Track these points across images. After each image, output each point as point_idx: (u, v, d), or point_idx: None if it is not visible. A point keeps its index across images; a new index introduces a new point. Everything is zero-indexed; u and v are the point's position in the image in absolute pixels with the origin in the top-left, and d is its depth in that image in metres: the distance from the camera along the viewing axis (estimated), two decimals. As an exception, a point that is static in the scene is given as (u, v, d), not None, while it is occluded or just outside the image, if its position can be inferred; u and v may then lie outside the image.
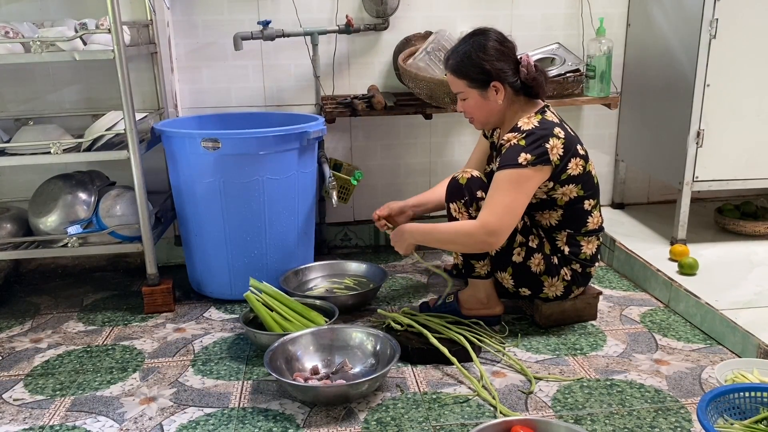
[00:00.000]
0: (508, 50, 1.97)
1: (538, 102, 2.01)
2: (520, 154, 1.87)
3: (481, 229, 1.88)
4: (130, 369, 1.93)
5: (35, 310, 2.37)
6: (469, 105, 2.02)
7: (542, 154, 1.87)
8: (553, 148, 1.88)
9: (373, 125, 2.84)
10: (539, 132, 1.90)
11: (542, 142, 1.88)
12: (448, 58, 2.02)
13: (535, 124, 1.92)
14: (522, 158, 1.86)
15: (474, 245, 1.94)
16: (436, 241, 2.04)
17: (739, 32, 2.35)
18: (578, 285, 2.07)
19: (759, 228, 2.60)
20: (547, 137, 1.89)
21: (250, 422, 1.65)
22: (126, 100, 2.10)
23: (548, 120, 1.95)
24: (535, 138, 1.89)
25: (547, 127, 1.92)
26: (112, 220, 2.27)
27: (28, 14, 2.46)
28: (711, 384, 1.77)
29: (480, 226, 1.88)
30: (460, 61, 1.96)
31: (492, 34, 1.97)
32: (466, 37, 1.99)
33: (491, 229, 1.87)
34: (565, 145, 1.91)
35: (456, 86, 2.01)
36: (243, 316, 2.07)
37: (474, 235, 1.89)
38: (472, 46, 1.95)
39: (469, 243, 1.93)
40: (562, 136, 1.91)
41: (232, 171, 2.20)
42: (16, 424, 1.67)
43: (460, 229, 1.94)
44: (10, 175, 2.63)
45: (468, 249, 2.01)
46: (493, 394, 1.72)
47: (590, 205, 2.02)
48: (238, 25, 2.61)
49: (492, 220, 1.87)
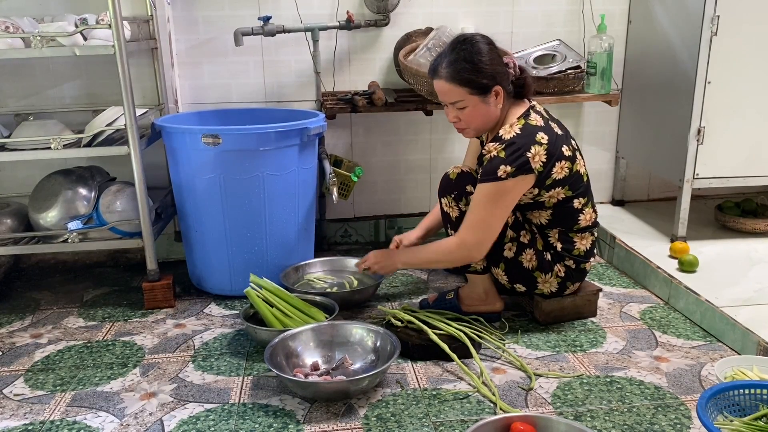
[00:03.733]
0: (500, 52, 1.95)
1: (524, 102, 1.99)
2: (499, 167, 1.85)
3: (460, 247, 1.95)
4: (130, 364, 1.94)
5: (35, 306, 2.38)
6: (466, 114, 1.93)
7: (523, 165, 1.85)
8: (534, 156, 1.85)
9: (373, 121, 2.84)
10: (519, 141, 1.86)
11: (523, 152, 1.85)
12: (436, 67, 1.92)
13: (517, 132, 1.88)
14: (501, 171, 1.84)
15: (457, 260, 2.02)
16: (421, 262, 2.18)
17: (741, 29, 2.35)
18: (573, 281, 2.07)
19: (759, 225, 2.60)
20: (528, 146, 1.86)
21: (251, 418, 1.65)
22: (126, 96, 2.10)
23: (531, 125, 1.90)
24: (515, 148, 1.85)
25: (529, 134, 1.88)
26: (112, 215, 2.27)
27: (28, 9, 2.46)
28: (711, 381, 1.78)
29: (459, 243, 1.95)
30: (459, 69, 1.88)
31: (481, 38, 1.92)
32: (455, 44, 1.91)
33: (469, 246, 1.93)
34: (548, 151, 1.87)
35: (452, 95, 1.92)
36: (243, 312, 2.07)
37: (453, 252, 1.98)
38: (468, 52, 1.88)
39: (452, 259, 2.02)
40: (545, 142, 1.87)
41: (233, 167, 2.20)
42: (16, 419, 1.67)
43: (440, 249, 2.01)
44: (10, 171, 2.63)
45: (451, 265, 2.15)
46: (493, 390, 1.72)
47: (580, 204, 2.00)
48: (238, 21, 2.61)
49: (469, 237, 1.92)
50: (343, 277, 2.43)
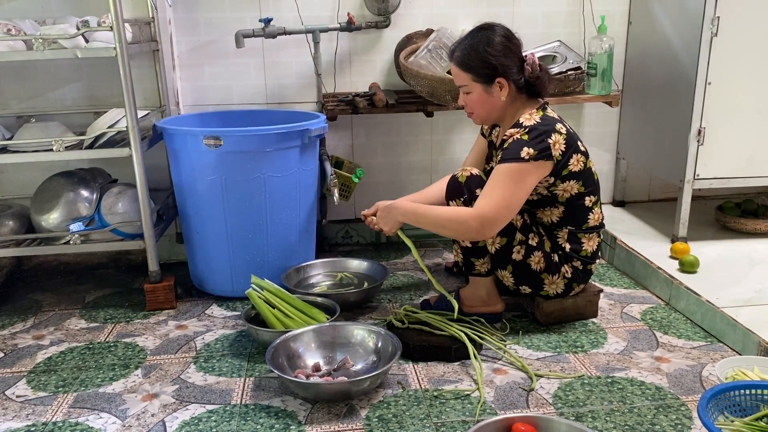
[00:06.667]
0: (515, 47, 1.97)
1: (538, 100, 2.02)
2: (522, 148, 1.87)
3: (476, 219, 1.86)
4: (132, 366, 1.94)
5: (37, 307, 2.38)
6: (471, 99, 2.01)
7: (545, 149, 1.87)
8: (555, 143, 1.89)
9: (374, 123, 2.84)
10: (542, 128, 1.90)
11: (545, 137, 1.88)
12: (453, 50, 2.01)
13: (537, 120, 1.92)
14: (525, 152, 1.86)
15: (465, 233, 1.92)
16: (426, 223, 1.97)
17: (741, 30, 2.35)
18: (579, 282, 2.08)
19: (760, 226, 2.60)
20: (549, 132, 1.89)
21: (252, 419, 1.65)
22: (128, 98, 2.10)
23: (550, 116, 1.95)
24: (538, 133, 1.89)
25: (549, 123, 1.92)
26: (114, 217, 2.28)
27: (30, 11, 2.47)
28: (711, 381, 1.78)
29: (476, 215, 1.86)
30: (466, 54, 1.96)
31: (499, 30, 1.96)
32: (474, 31, 1.99)
33: (486, 220, 1.85)
34: (567, 141, 1.91)
35: (460, 79, 2.01)
36: (245, 313, 2.07)
37: (467, 222, 1.87)
38: (479, 40, 1.94)
39: (461, 230, 1.91)
40: (564, 132, 1.92)
41: (234, 168, 2.20)
42: (18, 420, 1.68)
43: (454, 216, 1.92)
44: (12, 173, 2.64)
45: (457, 236, 1.98)
46: (479, 373, 1.72)
47: (591, 202, 2.02)
48: (239, 23, 2.61)
49: (488, 211, 1.85)
50: (344, 277, 2.44)
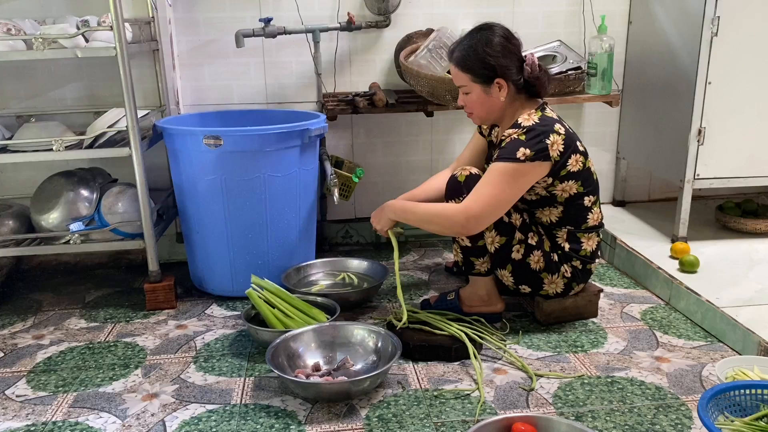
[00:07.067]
0: (514, 47, 1.97)
1: (538, 100, 2.02)
2: (519, 148, 1.87)
3: (461, 214, 1.87)
4: (132, 365, 1.94)
5: (37, 307, 2.38)
6: (470, 99, 2.01)
7: (542, 150, 1.87)
8: (553, 144, 1.89)
9: (374, 122, 2.84)
10: (540, 128, 1.90)
11: (542, 138, 1.88)
12: (453, 50, 2.01)
13: (536, 121, 1.92)
14: (521, 153, 1.86)
15: (451, 227, 1.93)
16: (415, 220, 2.00)
17: (741, 30, 2.35)
18: (578, 282, 2.08)
19: (760, 226, 2.60)
20: (547, 133, 1.89)
21: (252, 418, 1.65)
22: (128, 98, 2.10)
23: (548, 117, 1.95)
24: (536, 134, 1.89)
25: (548, 124, 1.92)
26: (114, 217, 2.28)
27: (30, 11, 2.46)
28: (712, 381, 1.78)
29: (462, 210, 1.88)
30: (465, 55, 1.96)
31: (498, 30, 1.96)
32: (473, 31, 1.99)
33: (472, 216, 1.86)
34: (565, 141, 1.91)
35: (459, 79, 2.01)
36: (245, 312, 2.07)
37: (453, 217, 1.89)
38: (478, 41, 1.94)
39: (447, 225, 1.93)
40: (563, 132, 1.92)
41: (234, 168, 2.20)
42: (18, 420, 1.68)
43: (441, 211, 1.94)
44: (12, 172, 2.64)
45: (444, 231, 1.98)
46: (479, 372, 1.72)
47: (590, 202, 2.02)
48: (239, 23, 2.61)
49: (475, 208, 1.86)
50: (346, 276, 2.44)
